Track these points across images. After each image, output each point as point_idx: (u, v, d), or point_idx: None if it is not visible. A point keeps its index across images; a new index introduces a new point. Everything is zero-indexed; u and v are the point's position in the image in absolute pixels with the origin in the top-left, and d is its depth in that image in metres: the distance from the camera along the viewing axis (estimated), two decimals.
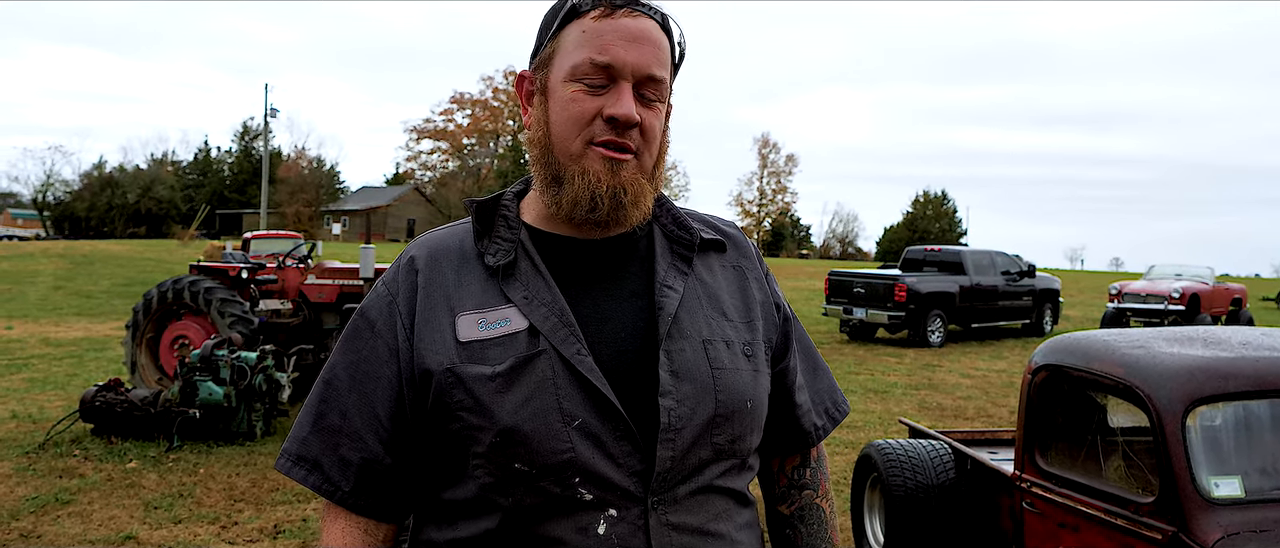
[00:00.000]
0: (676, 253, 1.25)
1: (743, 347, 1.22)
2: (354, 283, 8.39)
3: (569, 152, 1.17)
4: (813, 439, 1.38)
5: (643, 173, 1.19)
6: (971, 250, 16.94)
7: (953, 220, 70.72)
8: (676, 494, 1.14)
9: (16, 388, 9.31)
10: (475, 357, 1.13)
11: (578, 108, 1.16)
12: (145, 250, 32.44)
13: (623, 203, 1.16)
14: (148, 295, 8.33)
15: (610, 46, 1.15)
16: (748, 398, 1.20)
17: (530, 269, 1.18)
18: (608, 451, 1.11)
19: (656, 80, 1.17)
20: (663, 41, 1.19)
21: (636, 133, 1.17)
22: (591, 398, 1.12)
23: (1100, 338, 3.31)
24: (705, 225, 1.32)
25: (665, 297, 1.19)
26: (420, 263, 1.21)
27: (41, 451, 6.66)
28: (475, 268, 1.20)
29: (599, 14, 1.16)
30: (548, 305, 1.15)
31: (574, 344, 1.13)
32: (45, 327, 14.77)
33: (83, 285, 21.54)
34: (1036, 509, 3.34)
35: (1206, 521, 2.64)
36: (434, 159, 73.94)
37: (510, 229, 1.22)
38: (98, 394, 6.99)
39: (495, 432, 1.10)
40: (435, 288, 1.18)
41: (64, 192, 60.71)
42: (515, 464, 1.11)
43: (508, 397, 1.11)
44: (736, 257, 1.32)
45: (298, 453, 1.20)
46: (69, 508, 5.44)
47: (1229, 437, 2.89)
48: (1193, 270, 19.11)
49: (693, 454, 1.15)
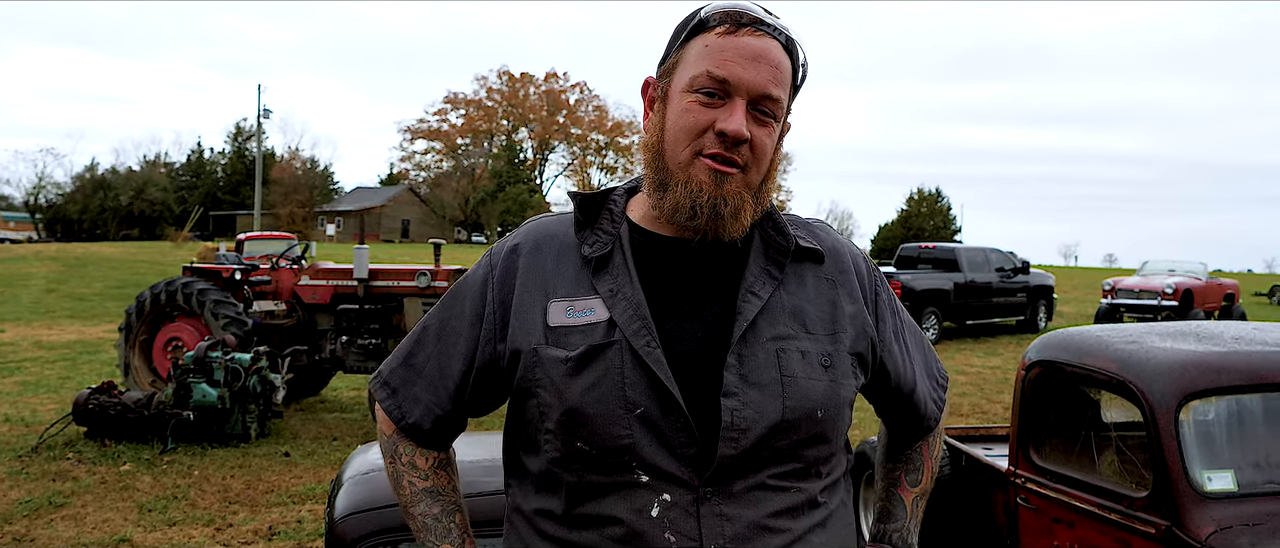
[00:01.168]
0: (770, 258, 1.29)
1: (820, 357, 1.25)
2: (348, 284, 8.36)
3: (678, 159, 1.22)
4: (930, 422, 1.49)
5: (748, 187, 1.23)
6: (966, 247, 16.98)
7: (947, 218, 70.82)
8: (732, 488, 1.19)
9: (9, 391, 9.28)
10: (558, 341, 1.22)
11: (691, 119, 1.21)
12: (138, 252, 32.35)
13: (722, 214, 1.21)
14: (141, 298, 8.30)
15: (729, 63, 1.20)
16: (819, 407, 1.23)
17: (621, 264, 1.25)
18: (666, 441, 1.18)
19: (772, 99, 1.22)
20: (783, 61, 1.23)
21: (746, 149, 1.21)
22: (655, 389, 1.18)
23: (1094, 333, 3.32)
24: (807, 234, 1.35)
25: (747, 302, 1.24)
26: (524, 248, 1.31)
27: (35, 454, 6.63)
28: (573, 257, 1.28)
29: (724, 30, 1.21)
30: (629, 300, 1.22)
31: (645, 337, 1.20)
32: (38, 330, 14.71)
33: (75, 288, 21.46)
34: (1031, 505, 3.35)
35: (1200, 515, 2.65)
36: (428, 159, 73.83)
37: (613, 224, 1.29)
38: (91, 397, 6.96)
39: (562, 411, 1.20)
40: (535, 272, 1.28)
41: (56, 194, 60.49)
42: (577, 443, 1.20)
43: (577, 380, 1.19)
44: (833, 269, 1.34)
45: (386, 378, 1.39)
46: (63, 511, 5.42)
47: (1222, 431, 2.89)
48: (1186, 266, 19.16)
49: (753, 455, 1.19)
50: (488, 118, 73.18)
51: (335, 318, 8.42)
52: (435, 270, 8.10)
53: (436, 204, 66.49)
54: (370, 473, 2.37)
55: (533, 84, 73.71)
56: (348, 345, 8.29)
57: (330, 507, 2.36)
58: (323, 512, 5.47)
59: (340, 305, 8.37)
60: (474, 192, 66.87)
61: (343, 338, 8.31)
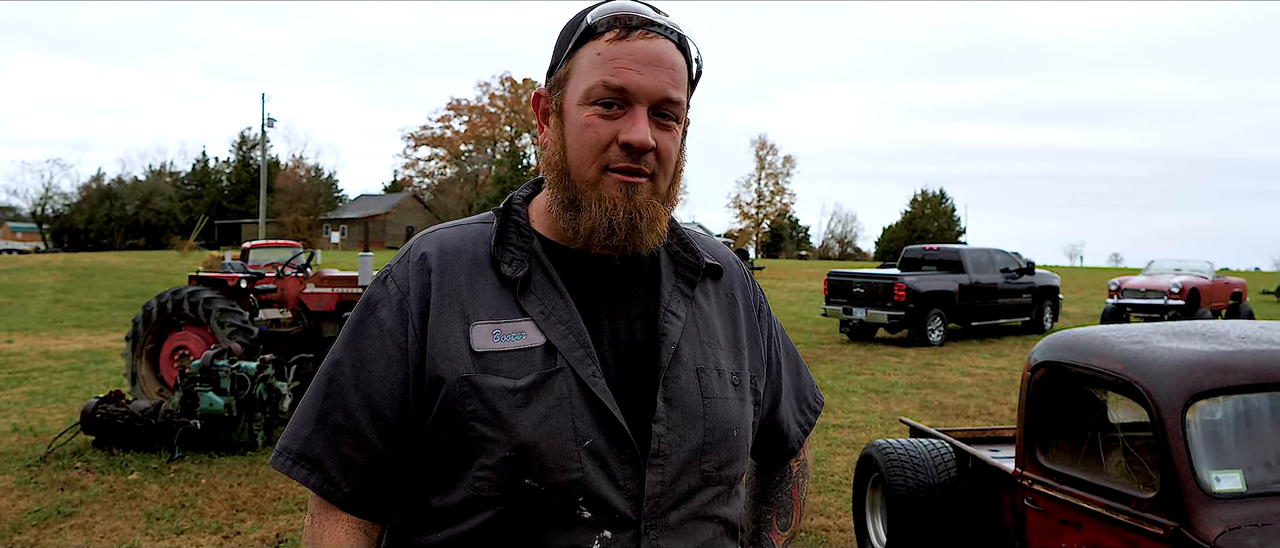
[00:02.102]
0: (681, 277, 1.26)
1: (732, 376, 1.24)
2: (353, 291, 8.39)
3: (585, 177, 1.16)
4: (794, 444, 1.43)
5: (657, 195, 1.19)
6: (970, 248, 16.95)
7: (951, 219, 70.73)
8: (668, 520, 1.15)
9: (17, 401, 9.31)
10: (491, 368, 1.12)
11: (593, 133, 1.15)
12: (144, 262, 32.44)
13: (638, 227, 1.16)
14: (147, 307, 8.33)
15: (625, 70, 1.14)
16: (734, 426, 1.21)
17: (546, 283, 1.18)
18: (611, 473, 1.12)
19: (672, 102, 1.16)
20: (679, 62, 1.18)
21: (651, 156, 1.16)
22: (601, 420, 1.12)
23: (1099, 334, 3.31)
24: (707, 251, 1.32)
25: (669, 323, 1.20)
26: (433, 262, 1.18)
27: (43, 463, 6.65)
28: (488, 275, 1.18)
29: (614, 36, 1.15)
30: (566, 324, 1.15)
31: (590, 366, 1.13)
32: (45, 339, 14.76)
33: (82, 298, 21.53)
34: (1038, 506, 3.34)
35: (1208, 515, 2.64)
36: (432, 166, 74.00)
37: (522, 237, 1.21)
38: (99, 406, 6.98)
39: (511, 446, 1.10)
40: (448, 291, 1.16)
41: (63, 204, 60.72)
42: (525, 480, 1.10)
43: (526, 412, 1.10)
44: (731, 285, 1.33)
45: (299, 451, 1.16)
46: (71, 520, 5.43)
47: (1229, 431, 2.89)
48: (1192, 265, 19.11)
49: (682, 481, 1.16)
50: (491, 124, 73.29)
51: (341, 326, 8.44)
52: None
53: (440, 211, 66.53)
54: None
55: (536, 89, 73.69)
56: None
57: None
58: None
59: (345, 313, 8.39)
60: (478, 198, 66.92)
61: None
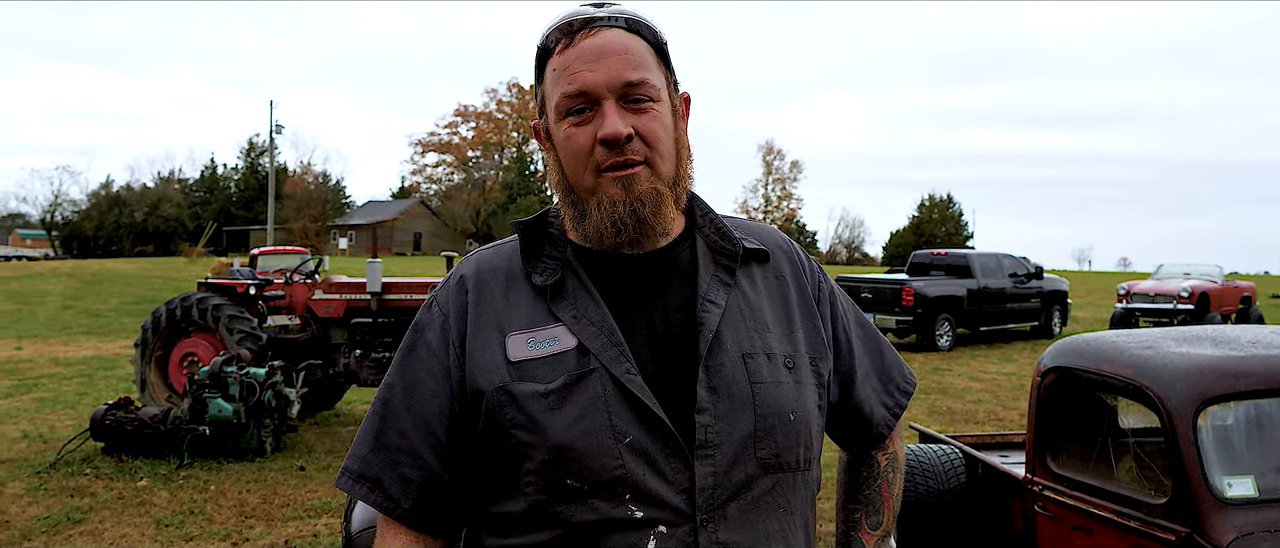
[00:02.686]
0: (720, 264, 1.25)
1: (784, 359, 1.21)
2: (361, 297, 8.40)
3: (584, 185, 1.19)
4: (880, 428, 1.38)
5: (660, 178, 1.19)
6: (978, 253, 16.92)
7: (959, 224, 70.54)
8: (727, 512, 1.13)
9: (27, 408, 9.34)
10: (526, 375, 1.15)
11: (574, 143, 1.18)
12: (153, 268, 32.57)
13: (644, 217, 1.17)
14: (156, 313, 8.35)
15: (577, 74, 1.16)
16: (790, 410, 1.19)
17: (578, 287, 1.20)
18: (658, 468, 1.12)
19: (636, 84, 1.17)
20: (632, 43, 1.18)
21: (637, 142, 1.16)
22: (641, 416, 1.13)
23: (1109, 339, 3.30)
24: (749, 234, 1.31)
25: (706, 312, 1.19)
26: (470, 282, 1.23)
27: (53, 470, 6.68)
28: (523, 287, 1.21)
29: (562, 46, 1.18)
30: (597, 324, 1.16)
31: (623, 363, 1.14)
32: (55, 346, 14.82)
33: (91, 305, 21.62)
34: (1049, 512, 3.33)
35: (1220, 521, 2.63)
36: (439, 172, 74.18)
37: (556, 248, 1.23)
38: (108, 413, 7.01)
39: (548, 449, 1.12)
40: (485, 308, 1.21)
41: (72, 211, 61.04)
42: (567, 481, 1.12)
43: (560, 414, 1.13)
44: (779, 266, 1.30)
45: (359, 471, 1.22)
46: (81, 527, 5.45)
47: (1241, 436, 2.87)
48: (1201, 269, 19.03)
49: (738, 470, 1.14)
50: (498, 130, 73.42)
51: (349, 332, 8.45)
52: None
53: (448, 217, 66.71)
54: None
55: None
56: (362, 359, 8.32)
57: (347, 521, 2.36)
58: (339, 526, 5.48)
59: (354, 319, 8.40)
60: (485, 204, 67.06)
61: (356, 352, 8.33)
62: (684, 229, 1.27)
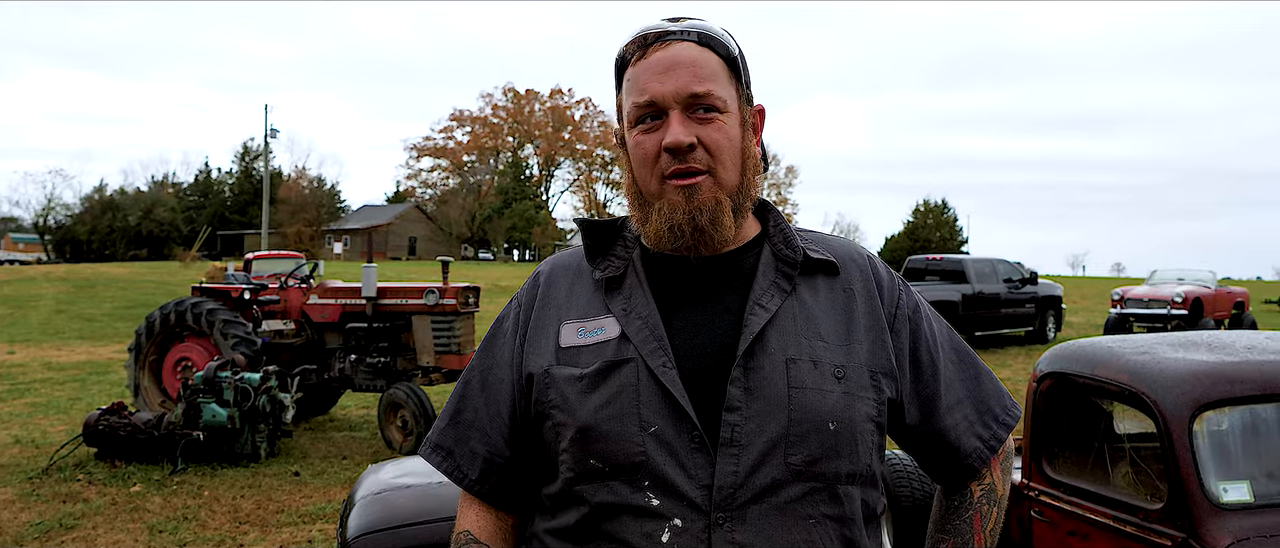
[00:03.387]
0: (780, 271, 1.27)
1: (834, 369, 1.20)
2: (356, 302, 8.38)
3: (651, 190, 1.24)
4: (971, 459, 1.32)
5: (723, 188, 1.23)
6: (973, 259, 16.94)
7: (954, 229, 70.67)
8: (746, 514, 1.13)
9: (19, 413, 9.30)
10: (570, 360, 1.23)
11: (642, 150, 1.24)
12: (147, 273, 32.48)
13: (701, 225, 1.21)
14: (150, 318, 8.33)
15: (646, 84, 1.22)
16: (831, 419, 1.17)
17: (634, 283, 1.27)
18: (680, 460, 1.15)
19: (702, 95, 1.21)
20: (701, 57, 1.23)
21: (701, 152, 1.21)
22: (670, 407, 1.17)
23: (1104, 344, 3.30)
24: (820, 246, 1.31)
25: (753, 315, 1.21)
26: (543, 278, 1.34)
27: (45, 475, 6.64)
28: (586, 281, 1.30)
29: (637, 58, 1.24)
30: (643, 318, 1.22)
31: (661, 356, 1.19)
32: (47, 351, 14.77)
33: (85, 309, 21.55)
34: (1045, 518, 3.33)
35: (1216, 526, 2.63)
36: (434, 177, 74.16)
37: (626, 248, 1.31)
38: (101, 418, 6.98)
39: (576, 427, 1.19)
40: (550, 300, 1.31)
41: (65, 215, 60.77)
42: (591, 460, 1.19)
43: (591, 397, 1.19)
44: (849, 280, 1.29)
45: (436, 442, 1.35)
46: (73, 533, 5.42)
47: (1236, 441, 2.88)
48: (1195, 274, 19.10)
49: (763, 473, 1.14)
50: (493, 135, 73.44)
51: (344, 337, 8.44)
52: (443, 288, 8.11)
53: (443, 221, 66.69)
54: (383, 493, 2.37)
55: (538, 100, 74.04)
56: (357, 364, 8.31)
57: (343, 527, 2.36)
58: (333, 531, 5.47)
59: (349, 324, 8.39)
60: (480, 208, 67.06)
61: (351, 357, 8.32)
62: (755, 237, 1.31)
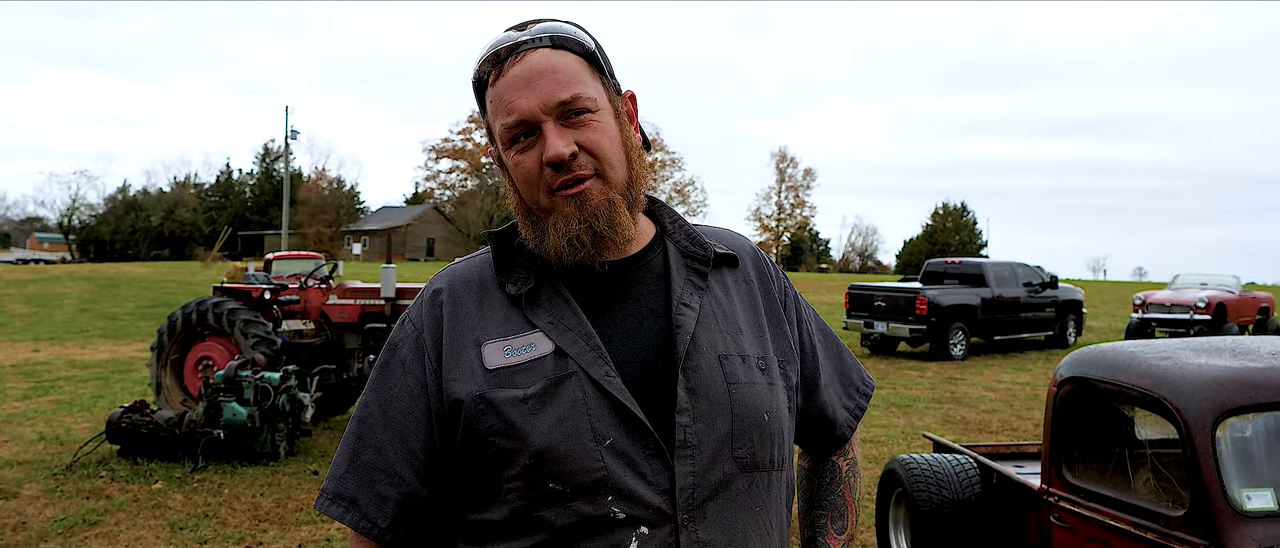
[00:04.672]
0: (692, 269, 1.27)
1: (757, 361, 1.24)
2: (375, 303, 8.43)
3: (541, 207, 1.20)
4: (843, 430, 1.41)
5: (614, 187, 1.19)
6: (992, 262, 16.82)
7: (973, 232, 70.28)
8: (706, 511, 1.15)
9: (44, 410, 9.42)
10: (505, 382, 1.15)
11: (524, 169, 1.19)
12: (169, 272, 32.78)
13: (599, 231, 1.17)
14: (172, 317, 8.40)
15: (510, 102, 1.17)
16: (764, 410, 1.21)
17: (553, 294, 1.21)
18: (639, 469, 1.13)
19: (568, 100, 1.17)
20: (559, 61, 1.18)
21: (584, 157, 1.17)
22: (622, 418, 1.14)
23: (1126, 349, 3.28)
24: (718, 240, 1.33)
25: (682, 315, 1.20)
26: (444, 296, 1.24)
27: (69, 472, 6.72)
28: (496, 297, 1.22)
29: (494, 77, 1.19)
30: (574, 329, 1.18)
31: (602, 366, 1.15)
32: (71, 349, 14.93)
33: (108, 308, 21.77)
34: (1065, 524, 3.30)
35: (1239, 534, 2.60)
36: (453, 178, 74.31)
37: (529, 258, 1.24)
38: (124, 416, 7.05)
39: (529, 454, 1.12)
40: (459, 320, 1.21)
41: (89, 215, 61.51)
42: (548, 485, 1.13)
43: (540, 418, 1.13)
44: (747, 272, 1.33)
45: (335, 491, 1.21)
46: (96, 529, 5.48)
47: (1260, 448, 2.85)
48: (1218, 279, 18.88)
49: (716, 470, 1.16)
50: None
51: (363, 337, 8.48)
52: None
53: (461, 222, 66.90)
54: None
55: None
56: None
57: None
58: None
59: (368, 324, 8.43)
60: (499, 210, 67.16)
61: (370, 357, 8.36)
62: (654, 236, 1.29)
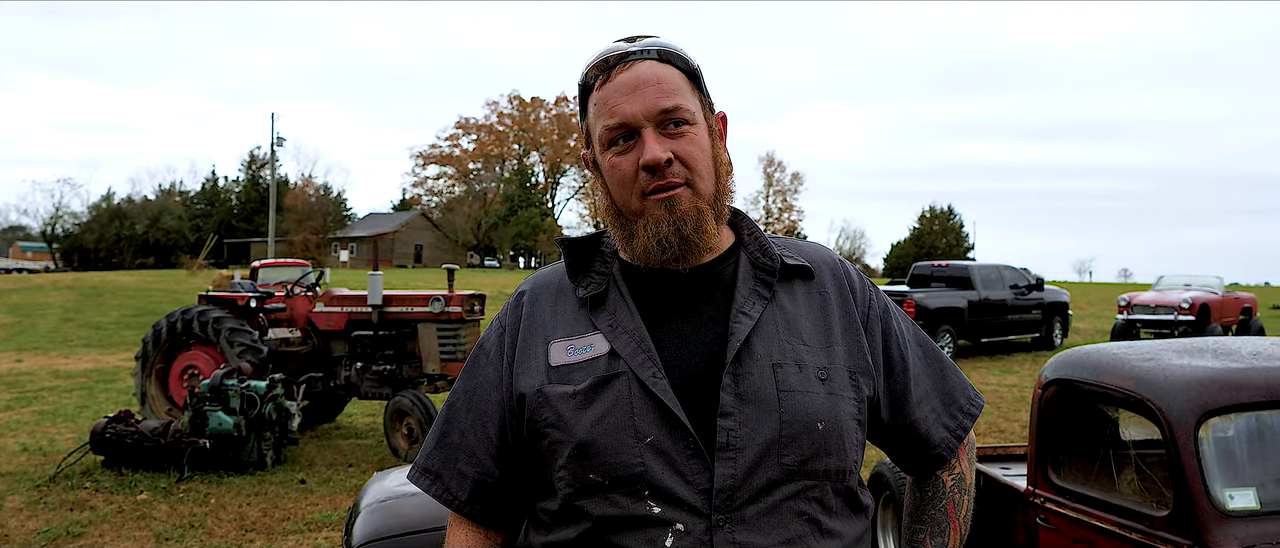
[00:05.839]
0: (759, 279, 1.31)
1: (817, 370, 1.26)
2: (362, 310, 8.40)
3: (632, 209, 1.28)
4: (940, 449, 1.40)
5: (701, 196, 1.27)
6: (979, 265, 16.92)
7: (960, 235, 70.57)
8: (744, 514, 1.18)
9: (27, 421, 9.34)
10: (562, 378, 1.25)
11: (619, 172, 1.27)
12: (154, 281, 32.57)
13: (686, 235, 1.25)
14: (157, 326, 8.35)
15: (616, 107, 1.26)
16: (819, 419, 1.22)
17: (618, 299, 1.30)
18: (677, 468, 1.18)
19: (670, 110, 1.25)
20: (664, 73, 1.27)
21: (676, 165, 1.25)
22: (664, 418, 1.20)
23: (1110, 351, 3.30)
24: (794, 252, 1.37)
25: (738, 322, 1.26)
26: (526, 298, 1.37)
27: (52, 483, 6.67)
28: (570, 300, 1.33)
29: (601, 82, 1.29)
30: (630, 332, 1.26)
31: (650, 368, 1.22)
32: (55, 359, 14.82)
33: (92, 317, 21.62)
34: (1051, 525, 3.32)
35: (1222, 533, 2.62)
36: (440, 185, 74.30)
37: (605, 264, 1.34)
38: (108, 426, 7.00)
39: (573, 444, 1.21)
40: (535, 320, 1.33)
41: (72, 224, 61.04)
42: (589, 475, 1.21)
43: (586, 413, 1.22)
44: (823, 284, 1.35)
45: (424, 465, 1.37)
46: (80, 541, 5.43)
47: (1242, 448, 2.87)
48: (1202, 280, 19.03)
49: (759, 474, 1.19)
50: (499, 142, 73.59)
51: (350, 344, 8.45)
52: (449, 296, 8.13)
53: (449, 229, 66.81)
54: (388, 500, 2.38)
55: (543, 108, 74.22)
56: (362, 372, 8.32)
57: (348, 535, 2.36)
58: (339, 539, 5.47)
59: (355, 332, 8.40)
60: (486, 216, 67.19)
61: (357, 364, 8.34)
62: (731, 247, 1.34)
